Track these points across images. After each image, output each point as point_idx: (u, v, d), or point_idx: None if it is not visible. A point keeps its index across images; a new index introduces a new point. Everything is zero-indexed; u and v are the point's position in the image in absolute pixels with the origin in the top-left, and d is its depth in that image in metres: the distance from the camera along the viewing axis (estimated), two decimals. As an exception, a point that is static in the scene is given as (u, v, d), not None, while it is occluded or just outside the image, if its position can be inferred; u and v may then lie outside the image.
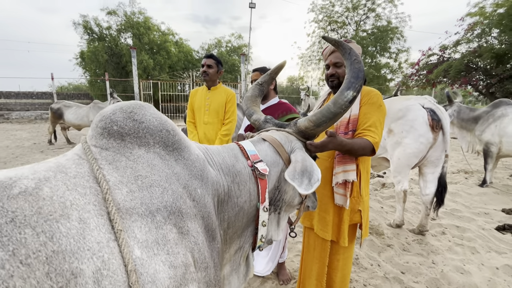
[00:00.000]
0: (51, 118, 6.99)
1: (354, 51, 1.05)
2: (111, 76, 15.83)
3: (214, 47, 21.51)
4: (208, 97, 2.26)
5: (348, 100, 1.00)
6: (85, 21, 16.84)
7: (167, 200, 0.62)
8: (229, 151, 0.99)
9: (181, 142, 0.76)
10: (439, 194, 2.60)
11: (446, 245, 2.56)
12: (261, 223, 1.03)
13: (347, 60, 1.04)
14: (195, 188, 0.74)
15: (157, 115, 0.73)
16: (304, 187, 0.91)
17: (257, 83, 1.34)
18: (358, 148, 1.25)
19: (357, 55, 1.04)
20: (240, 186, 0.96)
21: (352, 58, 1.03)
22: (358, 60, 1.02)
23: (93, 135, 0.65)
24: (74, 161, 0.58)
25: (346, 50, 1.05)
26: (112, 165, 0.60)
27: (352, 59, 1.03)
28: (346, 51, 1.05)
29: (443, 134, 2.50)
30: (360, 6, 18.74)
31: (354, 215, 1.47)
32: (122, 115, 0.67)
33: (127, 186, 0.58)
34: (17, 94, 16.89)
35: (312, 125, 1.06)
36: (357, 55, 1.04)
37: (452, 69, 12.58)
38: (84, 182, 0.54)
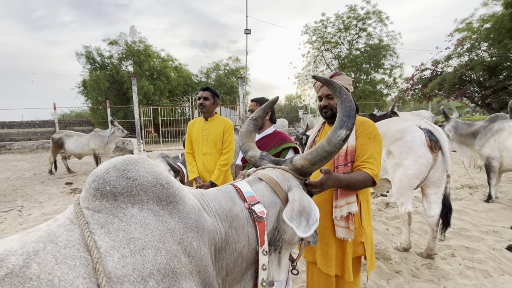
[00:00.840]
0: (52, 148, 7.03)
1: (344, 89, 1.07)
2: (113, 103, 16.16)
3: (212, 71, 22.14)
4: (206, 128, 2.29)
5: (342, 139, 1.01)
6: (88, 51, 17.48)
7: (161, 262, 0.60)
8: (226, 194, 0.98)
9: (176, 194, 0.75)
10: (445, 215, 2.54)
11: (456, 269, 2.47)
12: (261, 266, 1.00)
13: (338, 99, 1.06)
14: (190, 241, 0.72)
15: (151, 170, 0.73)
16: (303, 229, 0.90)
17: (252, 118, 1.37)
18: (357, 182, 1.26)
19: (347, 94, 1.06)
20: (238, 230, 0.94)
21: (343, 96, 1.05)
22: (349, 99, 1.04)
23: (86, 196, 0.65)
24: (65, 227, 0.58)
25: (337, 88, 1.07)
26: (104, 228, 0.59)
27: (343, 97, 1.05)
28: (337, 90, 1.07)
29: (443, 154, 2.49)
30: (352, 26, 19.49)
31: (357, 248, 1.43)
32: (115, 173, 0.67)
33: (119, 252, 0.57)
34: (20, 124, 17.12)
35: (308, 163, 1.07)
36: (347, 94, 1.06)
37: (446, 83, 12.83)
38: (74, 252, 0.53)
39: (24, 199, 5.31)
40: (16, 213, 4.53)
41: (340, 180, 1.20)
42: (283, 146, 1.84)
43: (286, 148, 1.85)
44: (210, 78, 21.82)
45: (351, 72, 19.69)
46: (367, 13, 18.74)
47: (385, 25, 18.95)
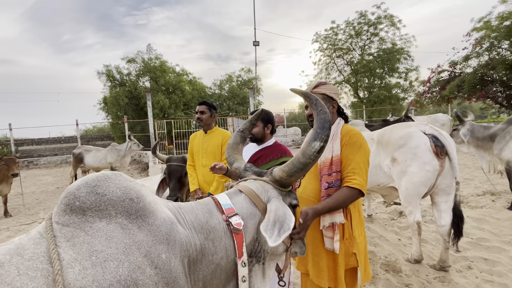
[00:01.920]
0: (73, 163, 7.43)
1: (320, 101, 1.07)
2: (131, 117, 16.88)
3: (225, 83, 22.61)
4: (205, 141, 2.36)
5: (316, 150, 1.02)
6: (108, 70, 18.51)
7: (122, 273, 0.64)
8: (203, 207, 1.01)
9: (146, 208, 0.79)
10: (456, 225, 2.41)
11: (473, 282, 2.31)
12: (241, 278, 1.01)
13: (314, 111, 1.07)
14: (159, 254, 0.75)
15: (121, 185, 0.78)
16: (274, 238, 0.90)
17: (239, 130, 1.40)
18: (341, 202, 1.28)
19: (323, 106, 1.06)
20: (215, 242, 0.96)
21: (318, 109, 1.06)
22: (323, 111, 1.05)
23: (57, 212, 0.70)
24: (34, 240, 0.63)
25: (313, 101, 1.09)
26: (70, 242, 0.64)
27: (318, 109, 1.06)
28: (313, 102, 1.08)
29: (450, 160, 2.39)
30: (363, 32, 19.33)
31: (349, 259, 1.40)
32: (85, 189, 0.72)
33: (81, 264, 0.61)
34: (47, 141, 18.27)
35: (285, 175, 1.08)
36: (322, 106, 1.06)
37: (465, 84, 12.29)
38: (37, 264, 0.58)
39: (46, 212, 5.61)
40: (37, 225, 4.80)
41: (318, 211, 1.24)
42: (282, 159, 1.84)
43: (285, 161, 1.85)
44: (223, 89, 22.28)
45: (364, 77, 19.40)
46: (378, 18, 18.56)
47: (398, 28, 18.65)
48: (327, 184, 1.33)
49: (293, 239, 1.18)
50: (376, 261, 2.76)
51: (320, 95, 1.49)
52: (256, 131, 1.95)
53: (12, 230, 4.56)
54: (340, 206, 1.29)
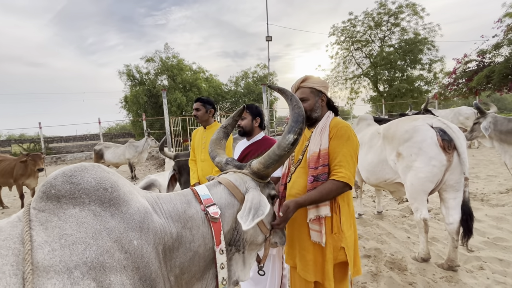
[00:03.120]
0: (94, 159, 7.87)
1: (295, 97, 1.13)
2: (150, 115, 17.47)
3: (241, 79, 22.67)
4: (204, 136, 2.42)
5: (290, 142, 1.06)
6: (128, 69, 19.23)
7: (88, 255, 0.69)
8: (182, 198, 1.06)
9: (120, 197, 0.85)
10: (465, 223, 2.29)
11: (483, 283, 2.20)
12: (219, 265, 1.05)
13: (289, 106, 1.12)
14: (130, 240, 0.81)
15: (97, 175, 0.84)
16: (248, 223, 0.95)
17: (222, 126, 1.44)
18: (325, 194, 1.28)
19: (298, 101, 1.11)
20: (193, 231, 1.01)
21: (293, 103, 1.11)
22: (298, 106, 1.10)
23: (35, 198, 0.77)
24: (12, 223, 0.70)
25: (288, 96, 1.14)
26: (43, 225, 0.70)
27: (293, 104, 1.11)
28: (288, 97, 1.14)
29: (459, 155, 2.27)
30: (383, 22, 18.51)
31: (338, 253, 1.39)
32: (62, 179, 0.79)
33: (50, 245, 0.67)
34: (74, 138, 19.43)
35: (262, 166, 1.12)
36: (297, 101, 1.11)
37: (495, 74, 11.45)
38: (10, 244, 0.64)
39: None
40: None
41: (300, 203, 1.26)
42: None
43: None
44: (239, 86, 22.38)
45: (384, 70, 18.63)
46: (399, 7, 17.68)
47: (421, 17, 17.65)
48: (312, 177, 1.33)
49: (273, 229, 1.20)
50: (381, 259, 2.70)
51: (308, 88, 1.48)
52: (244, 123, 1.98)
53: (39, 221, 4.94)
54: (323, 199, 1.29)
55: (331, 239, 1.35)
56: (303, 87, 1.49)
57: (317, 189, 1.29)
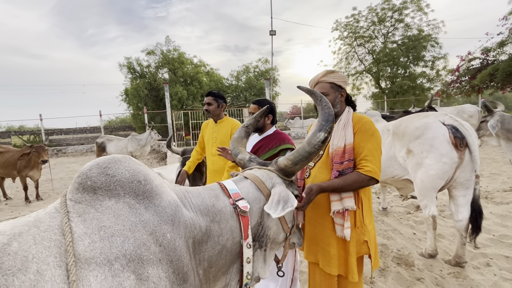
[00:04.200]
0: (96, 151, 7.84)
1: (324, 98, 1.15)
2: (150, 108, 17.40)
3: (242, 74, 22.53)
4: (215, 130, 2.41)
5: (320, 140, 1.08)
6: (129, 62, 19.05)
7: (127, 248, 0.69)
8: (210, 192, 1.06)
9: (153, 190, 0.84)
10: (474, 220, 2.31)
11: (490, 279, 2.23)
12: (245, 259, 1.05)
13: (319, 106, 1.15)
14: (163, 233, 0.80)
15: (130, 168, 0.84)
16: (278, 212, 0.97)
17: (243, 126, 1.46)
18: (348, 184, 1.29)
19: (327, 102, 1.13)
20: (221, 224, 1.01)
21: (322, 104, 1.14)
22: (328, 106, 1.12)
23: (71, 190, 0.77)
24: (50, 214, 0.70)
25: (318, 97, 1.16)
26: (81, 217, 0.70)
27: (323, 105, 1.13)
28: (318, 98, 1.16)
29: (470, 153, 2.27)
30: (387, 18, 18.35)
31: (361, 247, 1.41)
32: (97, 170, 0.78)
33: (90, 237, 0.67)
34: (74, 130, 19.34)
35: (290, 163, 1.12)
36: (326, 102, 1.13)
37: (499, 72, 11.42)
38: (51, 236, 0.64)
39: (74, 197, 6.02)
40: (67, 208, 5.17)
41: (323, 188, 1.28)
42: (281, 147, 1.86)
43: (284, 149, 1.87)
44: (240, 80, 22.24)
45: (386, 66, 18.55)
46: (403, 3, 17.50)
47: (425, 13, 17.50)
48: (337, 172, 1.34)
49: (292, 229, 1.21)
50: (388, 254, 2.73)
51: (328, 83, 1.47)
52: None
53: (43, 212, 4.95)
54: (345, 189, 1.30)
55: (355, 233, 1.36)
56: (323, 81, 1.48)
57: (341, 178, 1.31)
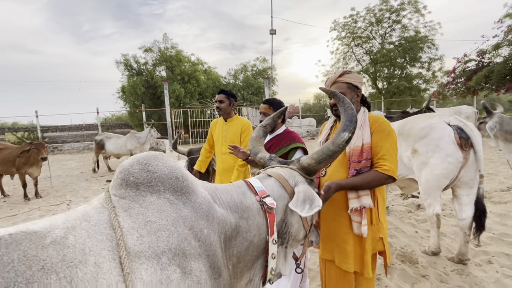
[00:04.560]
0: (95, 149, 7.79)
1: (347, 99, 1.17)
2: (148, 106, 17.28)
3: (240, 72, 22.49)
4: (225, 129, 2.42)
5: (345, 140, 1.10)
6: (126, 59, 18.87)
7: (172, 242, 0.71)
8: (237, 189, 1.08)
9: (189, 186, 0.86)
10: (478, 218, 2.37)
11: (492, 276, 2.29)
12: (270, 255, 1.08)
13: (341, 107, 1.18)
14: (201, 228, 0.82)
15: (168, 164, 0.85)
16: (306, 211, 1.00)
17: (262, 126, 1.49)
18: (366, 182, 1.32)
19: (349, 103, 1.16)
20: (249, 221, 1.03)
21: (345, 105, 1.17)
22: (351, 107, 1.15)
23: (114, 185, 0.78)
24: (96, 209, 0.72)
25: (340, 99, 1.19)
26: (127, 212, 0.72)
27: (346, 106, 1.16)
28: (340, 100, 1.19)
29: (475, 153, 2.33)
30: (384, 19, 18.51)
31: (376, 244, 1.44)
32: (138, 167, 0.80)
33: (138, 232, 0.68)
34: (70, 127, 19.10)
35: (314, 162, 1.15)
36: (349, 103, 1.16)
37: (494, 74, 11.62)
38: (102, 230, 0.65)
39: (72, 194, 5.97)
40: (66, 206, 5.12)
41: (341, 185, 1.31)
42: (291, 146, 1.88)
43: (294, 148, 1.89)
44: (238, 79, 22.20)
45: (384, 67, 18.72)
46: (401, 4, 17.67)
47: (422, 15, 17.71)
48: (355, 171, 1.37)
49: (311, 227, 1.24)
50: (392, 252, 2.78)
51: (345, 83, 1.50)
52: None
53: (43, 210, 4.90)
54: (364, 186, 1.33)
55: (371, 230, 1.40)
56: (340, 81, 1.51)
57: (360, 176, 1.34)
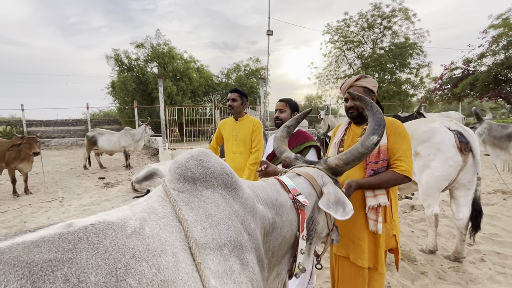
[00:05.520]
0: (86, 145, 7.59)
1: (375, 104, 1.24)
2: (138, 103, 16.93)
3: (233, 71, 22.44)
4: (236, 128, 2.44)
5: (374, 143, 1.16)
6: (117, 54, 18.42)
7: (231, 235, 0.74)
8: (271, 186, 1.12)
9: (237, 182, 0.90)
10: (474, 219, 2.51)
11: (486, 273, 2.43)
12: (300, 251, 1.12)
13: (369, 111, 1.24)
14: (249, 223, 0.86)
15: (218, 161, 0.88)
16: (340, 214, 1.04)
17: (285, 126, 1.54)
18: (384, 182, 1.39)
19: (377, 107, 1.23)
20: (283, 217, 1.07)
21: (374, 110, 1.23)
22: (379, 112, 1.22)
23: (172, 180, 0.81)
24: (159, 202, 0.73)
25: (368, 103, 1.25)
26: (188, 205, 0.74)
27: (374, 110, 1.22)
28: (368, 104, 1.25)
29: (473, 157, 2.46)
30: (376, 25, 18.96)
31: (390, 241, 1.51)
32: (194, 162, 0.82)
33: (201, 224, 0.71)
34: (55, 122, 18.46)
35: (342, 163, 1.19)
36: (377, 107, 1.23)
37: (478, 82, 12.17)
38: (170, 222, 0.68)
39: (64, 191, 5.80)
40: (58, 203, 4.98)
41: (361, 184, 1.38)
42: (305, 144, 1.94)
43: (308, 146, 1.96)
44: (230, 78, 22.14)
45: (374, 72, 19.17)
46: (392, 11, 18.16)
47: (412, 22, 18.25)
48: (372, 171, 1.43)
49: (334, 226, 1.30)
50: (391, 250, 2.89)
51: (362, 88, 1.56)
52: (283, 116, 2.10)
53: (34, 207, 4.75)
54: (382, 186, 1.40)
55: (384, 228, 1.47)
56: (357, 85, 1.57)
57: (378, 176, 1.41)
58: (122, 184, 6.30)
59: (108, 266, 0.50)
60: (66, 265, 0.46)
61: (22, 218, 4.23)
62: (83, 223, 0.57)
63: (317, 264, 1.38)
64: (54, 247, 0.48)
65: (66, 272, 0.45)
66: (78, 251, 0.49)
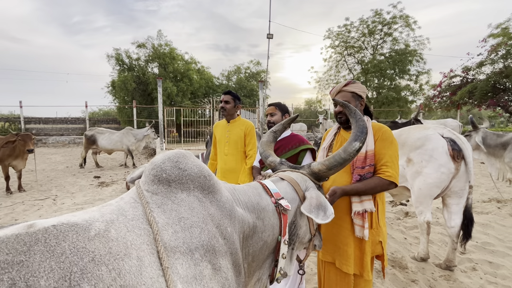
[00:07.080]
0: (84, 144, 7.56)
1: (358, 111, 1.24)
2: (138, 102, 16.95)
3: (233, 74, 22.52)
4: (228, 130, 2.43)
5: (356, 149, 1.16)
6: (118, 53, 18.46)
7: (204, 239, 0.73)
8: (254, 190, 1.10)
9: (215, 185, 0.88)
10: (465, 227, 2.49)
11: (477, 282, 2.41)
12: (281, 255, 1.11)
13: (353, 119, 1.24)
14: (225, 227, 0.84)
15: (196, 163, 0.87)
16: (321, 218, 1.04)
17: (272, 131, 1.54)
18: (370, 188, 1.38)
19: (360, 115, 1.23)
20: (265, 221, 1.06)
21: (357, 117, 1.23)
22: (362, 119, 1.22)
23: (146, 181, 0.79)
24: (130, 204, 0.72)
25: (352, 110, 1.26)
26: (160, 208, 0.73)
27: (357, 117, 1.23)
28: (352, 111, 1.26)
29: (466, 164, 2.45)
30: (377, 31, 19.06)
31: (375, 247, 1.50)
32: (170, 164, 0.81)
33: (172, 227, 0.70)
34: (54, 120, 18.43)
35: (325, 168, 1.19)
36: (360, 115, 1.23)
37: (477, 91, 12.21)
38: (139, 224, 0.66)
39: (58, 189, 5.77)
40: (51, 201, 4.95)
41: (346, 191, 1.37)
42: (301, 147, 1.94)
43: (304, 149, 1.95)
44: (231, 81, 22.22)
45: (374, 77, 19.25)
46: (393, 18, 18.27)
47: (412, 29, 18.35)
48: (359, 176, 1.42)
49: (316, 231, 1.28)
50: (383, 257, 2.87)
51: (350, 93, 1.56)
52: (275, 119, 2.12)
53: (27, 205, 4.71)
54: (368, 192, 1.39)
55: (370, 234, 1.45)
56: (344, 91, 1.57)
57: (363, 182, 1.40)
58: (117, 183, 6.27)
59: (62, 270, 0.48)
60: (15, 268, 0.45)
61: (14, 215, 4.19)
62: (45, 224, 0.55)
63: (300, 269, 1.36)
64: (7, 248, 0.47)
65: (13, 276, 0.44)
66: (32, 253, 0.48)
